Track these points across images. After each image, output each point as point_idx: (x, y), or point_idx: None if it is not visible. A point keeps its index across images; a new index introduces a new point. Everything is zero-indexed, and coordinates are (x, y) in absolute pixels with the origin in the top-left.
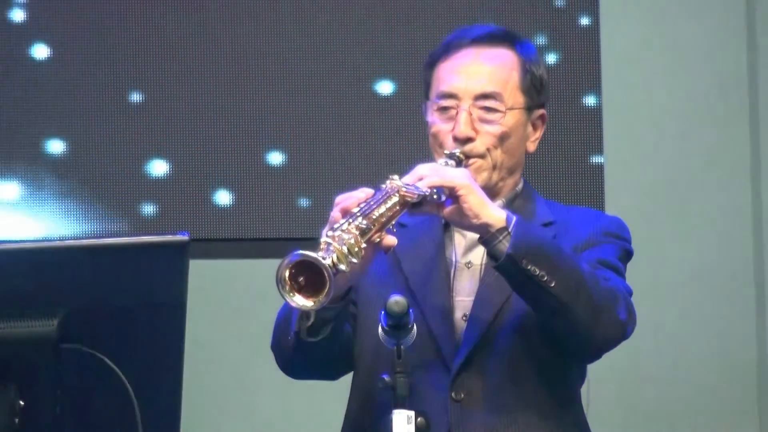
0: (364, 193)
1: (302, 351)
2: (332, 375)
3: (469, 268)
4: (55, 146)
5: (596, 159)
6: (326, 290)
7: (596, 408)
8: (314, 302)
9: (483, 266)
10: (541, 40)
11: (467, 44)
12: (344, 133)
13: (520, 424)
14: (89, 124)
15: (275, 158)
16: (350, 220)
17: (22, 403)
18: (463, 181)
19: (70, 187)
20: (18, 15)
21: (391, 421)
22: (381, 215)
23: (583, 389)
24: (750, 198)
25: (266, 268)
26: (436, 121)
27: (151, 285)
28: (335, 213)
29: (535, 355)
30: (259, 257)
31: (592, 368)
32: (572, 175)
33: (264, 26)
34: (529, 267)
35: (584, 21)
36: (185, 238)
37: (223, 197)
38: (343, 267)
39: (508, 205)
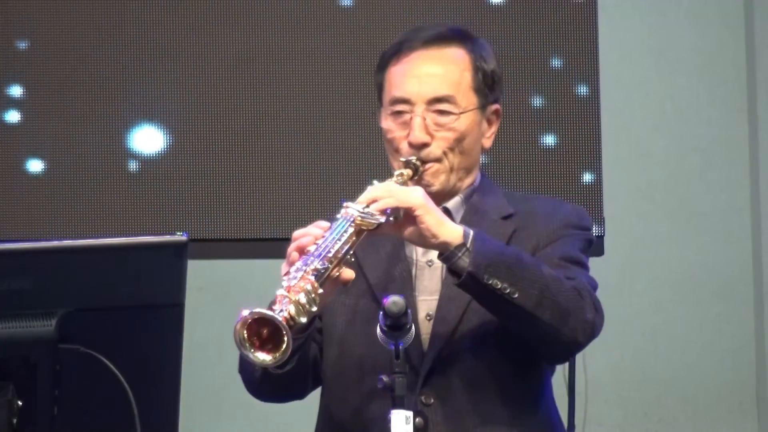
0: (320, 228)
1: (270, 382)
2: (301, 395)
3: (430, 266)
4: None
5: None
6: (284, 347)
7: (596, 408)
8: (273, 358)
9: (444, 265)
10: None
11: (418, 46)
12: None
13: (491, 425)
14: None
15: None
16: (306, 265)
17: (20, 402)
18: (419, 201)
19: None
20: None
21: (389, 421)
22: (338, 251)
23: (581, 389)
24: (749, 198)
25: (266, 268)
26: (391, 127)
27: (149, 285)
28: (291, 252)
29: (503, 354)
30: (259, 257)
31: (591, 368)
32: (565, 175)
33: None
34: (490, 282)
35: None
36: (184, 238)
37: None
38: (302, 319)
39: (466, 201)
